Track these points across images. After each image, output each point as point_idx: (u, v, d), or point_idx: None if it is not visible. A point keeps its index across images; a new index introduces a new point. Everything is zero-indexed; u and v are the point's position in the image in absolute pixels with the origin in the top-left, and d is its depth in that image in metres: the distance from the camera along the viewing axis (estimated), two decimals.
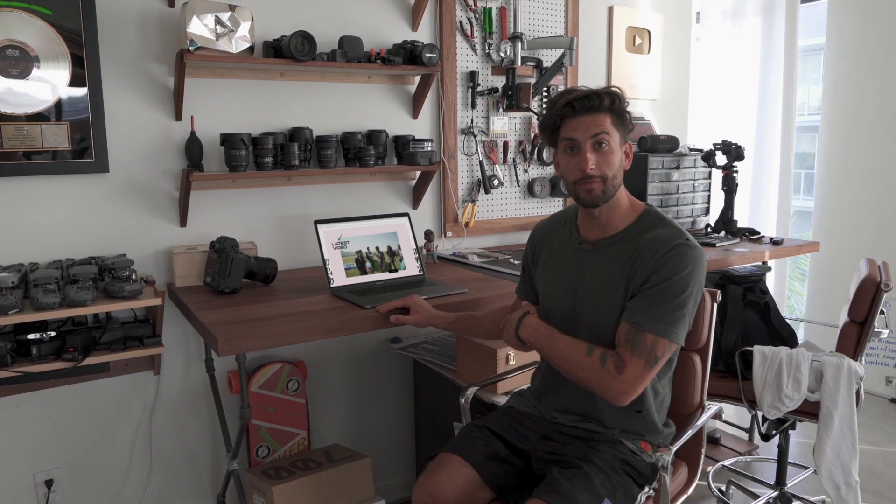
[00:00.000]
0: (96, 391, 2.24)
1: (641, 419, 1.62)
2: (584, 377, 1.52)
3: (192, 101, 2.28)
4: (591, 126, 1.53)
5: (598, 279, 1.60)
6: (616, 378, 1.47)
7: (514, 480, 1.63)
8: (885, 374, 3.75)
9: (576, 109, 1.53)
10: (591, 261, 1.63)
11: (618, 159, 1.57)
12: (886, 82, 3.66)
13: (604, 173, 1.54)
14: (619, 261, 1.58)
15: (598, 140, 1.53)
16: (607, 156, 1.54)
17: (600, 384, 1.49)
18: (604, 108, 1.53)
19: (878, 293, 2.20)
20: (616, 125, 1.56)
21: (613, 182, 1.56)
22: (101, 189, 2.19)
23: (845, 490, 2.19)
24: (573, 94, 1.55)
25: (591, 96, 1.53)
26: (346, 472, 2.32)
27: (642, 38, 3.54)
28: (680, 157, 3.20)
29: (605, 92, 1.54)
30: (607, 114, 1.54)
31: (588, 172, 1.53)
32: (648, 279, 1.51)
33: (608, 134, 1.54)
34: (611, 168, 1.55)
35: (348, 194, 2.65)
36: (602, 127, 1.53)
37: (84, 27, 2.08)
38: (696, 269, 1.52)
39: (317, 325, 1.81)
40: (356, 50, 2.42)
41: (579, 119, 1.54)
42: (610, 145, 1.54)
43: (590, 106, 1.53)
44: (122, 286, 1.91)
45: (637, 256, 1.55)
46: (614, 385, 1.47)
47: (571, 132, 1.55)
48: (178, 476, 2.42)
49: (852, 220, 3.86)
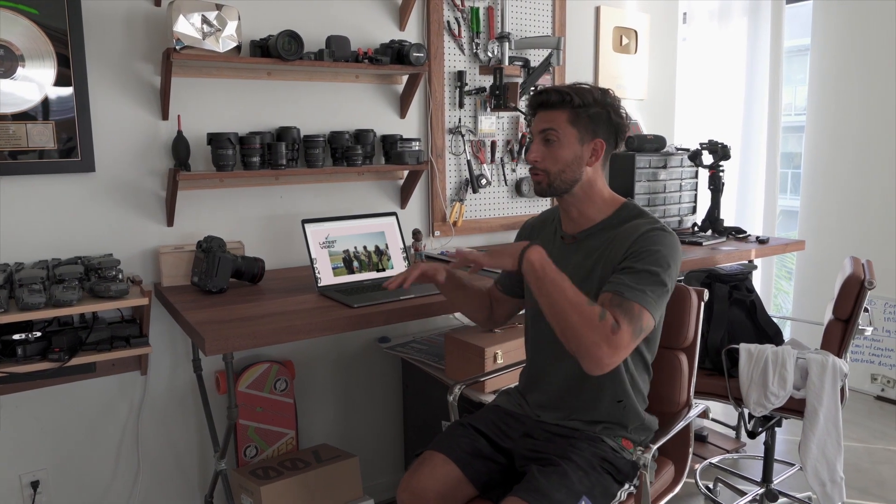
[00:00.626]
0: (83, 392, 2.23)
1: (623, 409, 1.63)
2: (579, 324, 1.40)
3: (178, 101, 2.27)
4: (542, 121, 1.61)
5: (577, 271, 1.61)
6: (608, 338, 1.38)
7: (497, 478, 1.64)
8: (870, 372, 3.78)
9: (535, 105, 1.63)
10: (571, 254, 1.66)
11: (569, 155, 1.59)
12: (872, 82, 3.70)
13: (546, 167, 1.61)
14: (595, 251, 1.61)
15: (546, 135, 1.60)
16: (554, 151, 1.59)
17: (591, 337, 1.39)
18: (553, 104, 1.59)
19: (862, 291, 2.22)
20: (574, 122, 1.58)
21: (561, 176, 1.60)
22: (88, 188, 2.18)
23: (830, 486, 2.21)
24: (538, 90, 1.64)
25: (543, 93, 1.61)
26: (334, 472, 2.32)
27: (629, 38, 3.55)
28: (667, 156, 3.22)
29: (558, 89, 1.59)
30: (563, 110, 1.58)
31: (531, 162, 1.63)
32: (625, 258, 1.52)
33: (557, 130, 1.58)
34: (556, 163, 1.59)
35: (336, 194, 2.65)
36: (551, 123, 1.59)
37: (70, 26, 2.07)
38: (672, 252, 1.52)
39: (304, 324, 1.81)
40: (343, 49, 2.42)
41: (539, 114, 1.63)
42: (559, 141, 1.59)
43: (543, 101, 1.61)
44: (108, 286, 1.91)
45: (613, 243, 1.57)
46: (603, 344, 1.38)
47: (533, 125, 1.65)
48: (165, 477, 2.41)
49: (838, 219, 3.89)
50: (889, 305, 3.70)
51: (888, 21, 3.60)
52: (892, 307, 3.69)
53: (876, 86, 3.68)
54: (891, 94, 3.62)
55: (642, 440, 1.66)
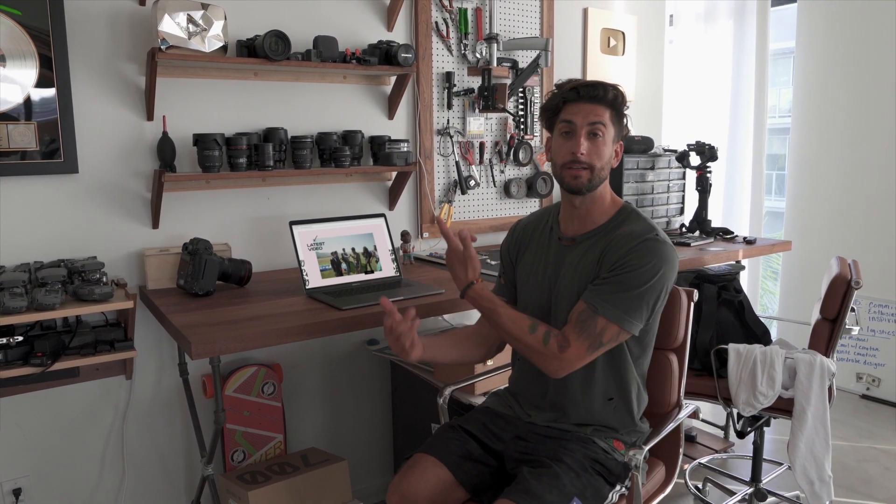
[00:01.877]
0: (66, 397, 2.19)
1: (613, 408, 1.63)
2: (525, 352, 1.57)
3: (164, 101, 2.25)
4: (590, 114, 1.56)
5: (573, 274, 1.61)
6: (557, 356, 1.51)
7: (488, 480, 1.63)
8: (855, 371, 3.81)
9: (580, 95, 1.57)
10: (568, 256, 1.65)
11: (608, 153, 1.59)
12: (856, 84, 3.73)
13: (592, 162, 1.57)
14: (592, 255, 1.60)
15: (594, 129, 1.56)
16: (599, 146, 1.57)
17: (539, 360, 1.54)
18: (606, 100, 1.57)
19: (849, 290, 2.23)
20: (613, 121, 1.59)
21: (600, 174, 1.59)
22: (71, 190, 2.15)
23: (819, 485, 2.22)
24: (580, 81, 1.60)
25: (597, 85, 1.57)
26: (323, 476, 2.29)
27: (617, 40, 3.56)
28: (655, 157, 3.23)
29: (611, 86, 1.58)
30: (608, 107, 1.57)
31: (578, 157, 1.55)
32: (614, 267, 1.54)
33: (605, 126, 1.57)
34: (600, 159, 1.57)
35: (324, 195, 2.63)
36: (601, 117, 1.56)
37: (52, 26, 2.04)
38: (663, 263, 1.53)
39: (292, 327, 1.79)
40: (331, 50, 2.40)
41: (581, 105, 1.57)
42: (604, 137, 1.57)
43: (594, 95, 1.56)
44: (91, 289, 1.88)
45: (607, 248, 1.57)
46: (553, 362, 1.52)
47: (571, 115, 1.57)
48: (151, 482, 2.37)
49: (823, 219, 3.92)
50: (873, 305, 3.73)
51: (873, 23, 3.64)
52: (876, 307, 3.73)
53: (861, 87, 3.71)
54: (875, 95, 3.65)
55: (634, 441, 1.65)
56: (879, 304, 3.71)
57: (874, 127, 3.67)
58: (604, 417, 1.63)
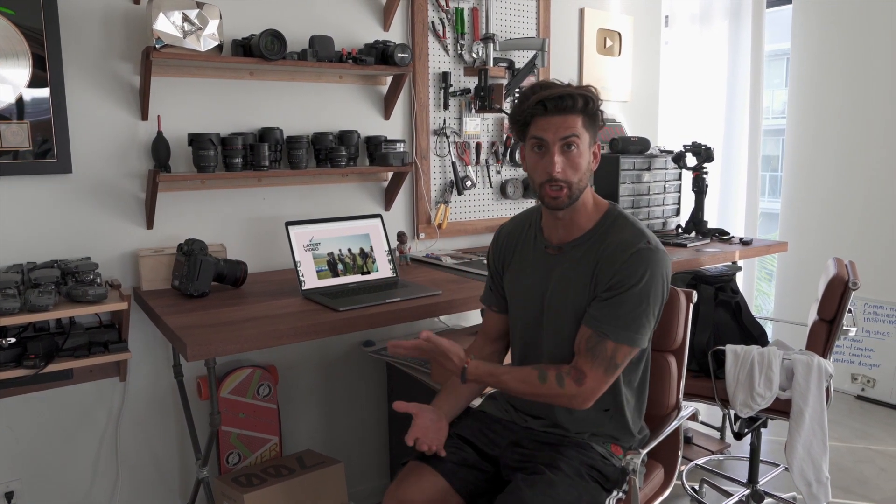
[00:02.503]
0: (59, 399, 2.17)
1: (610, 418, 1.61)
2: (545, 401, 1.57)
3: (158, 101, 2.23)
4: (561, 127, 1.48)
5: (563, 284, 1.58)
6: (577, 392, 1.49)
7: (484, 486, 1.61)
8: (850, 372, 3.82)
9: (547, 109, 1.48)
10: (556, 265, 1.61)
11: (585, 162, 1.52)
12: (851, 85, 3.74)
13: (569, 178, 1.50)
14: (582, 264, 1.56)
15: (567, 142, 1.49)
16: (575, 159, 1.50)
17: (563, 402, 1.52)
18: (577, 109, 1.48)
19: (847, 291, 2.23)
20: (587, 126, 1.51)
21: (579, 185, 1.52)
22: (64, 190, 2.13)
23: (816, 486, 2.22)
24: (546, 92, 1.48)
25: (565, 97, 1.47)
26: (318, 479, 2.28)
27: (613, 41, 3.56)
28: (651, 158, 3.23)
29: (580, 93, 1.49)
30: (579, 115, 1.49)
31: (554, 176, 1.49)
32: (611, 286, 1.50)
33: (578, 136, 1.49)
34: (577, 172, 1.51)
35: (320, 195, 2.61)
36: (572, 129, 1.48)
37: (45, 25, 2.02)
38: (659, 271, 1.50)
39: (288, 328, 1.77)
40: (327, 49, 2.39)
41: (550, 119, 1.48)
42: (579, 148, 1.50)
43: (563, 107, 1.47)
44: (85, 290, 1.86)
45: (600, 262, 1.53)
46: (577, 397, 1.50)
47: (541, 132, 1.49)
48: (145, 485, 2.35)
49: (818, 220, 3.93)
50: (868, 306, 3.74)
51: (868, 24, 3.65)
52: (871, 308, 3.73)
53: (856, 88, 3.72)
54: (871, 96, 3.66)
55: (632, 445, 1.64)
56: (874, 305, 3.72)
57: (869, 128, 3.68)
58: (600, 425, 1.62)
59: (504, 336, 1.81)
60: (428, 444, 1.58)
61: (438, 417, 1.64)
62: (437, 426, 1.62)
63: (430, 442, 1.59)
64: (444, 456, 1.59)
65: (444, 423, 1.65)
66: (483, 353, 1.79)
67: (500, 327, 1.80)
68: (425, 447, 1.58)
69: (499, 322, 1.79)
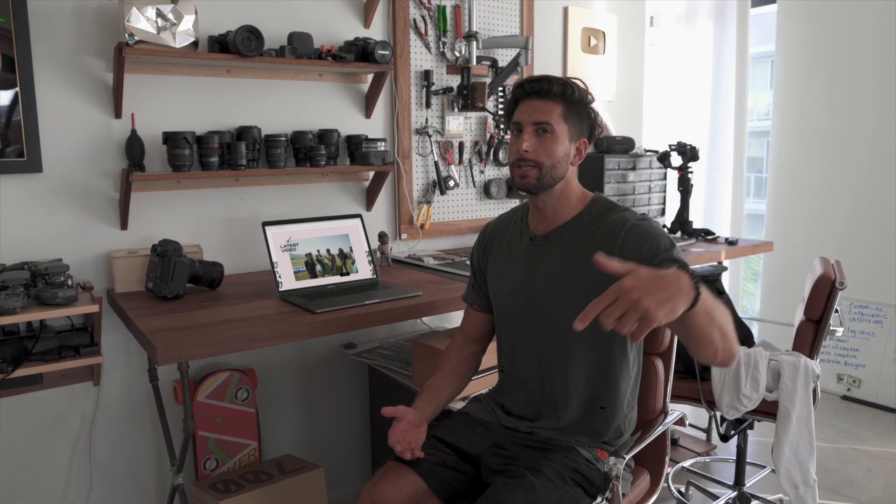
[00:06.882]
0: (30, 404, 2.11)
1: (604, 417, 1.58)
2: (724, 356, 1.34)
3: (132, 98, 2.18)
4: (536, 111, 1.51)
5: (553, 269, 1.56)
6: None
7: (463, 488, 1.58)
8: (836, 372, 3.81)
9: (525, 91, 1.52)
10: (543, 253, 1.59)
11: (561, 150, 1.52)
12: (836, 86, 3.74)
13: (540, 159, 1.50)
14: (572, 245, 1.55)
15: (541, 126, 1.50)
16: (548, 144, 1.51)
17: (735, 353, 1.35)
18: (552, 94, 1.50)
19: (833, 291, 2.21)
20: (566, 117, 1.52)
21: (552, 172, 1.51)
22: (34, 190, 2.07)
23: (803, 489, 2.20)
24: (530, 77, 1.55)
25: (542, 80, 1.51)
26: (298, 484, 2.23)
27: (597, 39, 3.53)
28: (636, 157, 3.21)
29: (558, 80, 1.52)
30: (558, 102, 1.51)
31: (522, 153, 1.50)
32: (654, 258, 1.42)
33: (553, 124, 1.50)
34: (549, 157, 1.50)
35: (299, 195, 2.57)
36: (548, 115, 1.50)
37: (14, 22, 1.96)
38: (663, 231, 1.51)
39: (264, 331, 1.73)
40: (306, 46, 2.35)
41: (528, 102, 1.53)
42: (553, 134, 1.51)
43: (538, 90, 1.51)
44: (55, 292, 1.80)
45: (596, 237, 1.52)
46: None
47: (519, 114, 1.54)
48: (120, 492, 2.30)
49: (803, 220, 3.93)
50: (854, 306, 3.74)
51: (853, 25, 3.65)
52: (856, 308, 3.73)
53: (841, 89, 3.72)
54: (855, 97, 3.66)
55: (618, 450, 1.60)
56: (860, 304, 3.71)
57: (854, 129, 3.68)
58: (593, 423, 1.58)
59: (485, 336, 1.79)
60: (405, 446, 1.55)
61: (419, 420, 1.62)
62: (417, 429, 1.60)
63: (408, 444, 1.56)
64: (422, 457, 1.56)
65: (423, 425, 1.62)
66: (463, 353, 1.77)
67: (481, 326, 1.78)
68: (407, 454, 1.55)
69: (480, 321, 1.77)
